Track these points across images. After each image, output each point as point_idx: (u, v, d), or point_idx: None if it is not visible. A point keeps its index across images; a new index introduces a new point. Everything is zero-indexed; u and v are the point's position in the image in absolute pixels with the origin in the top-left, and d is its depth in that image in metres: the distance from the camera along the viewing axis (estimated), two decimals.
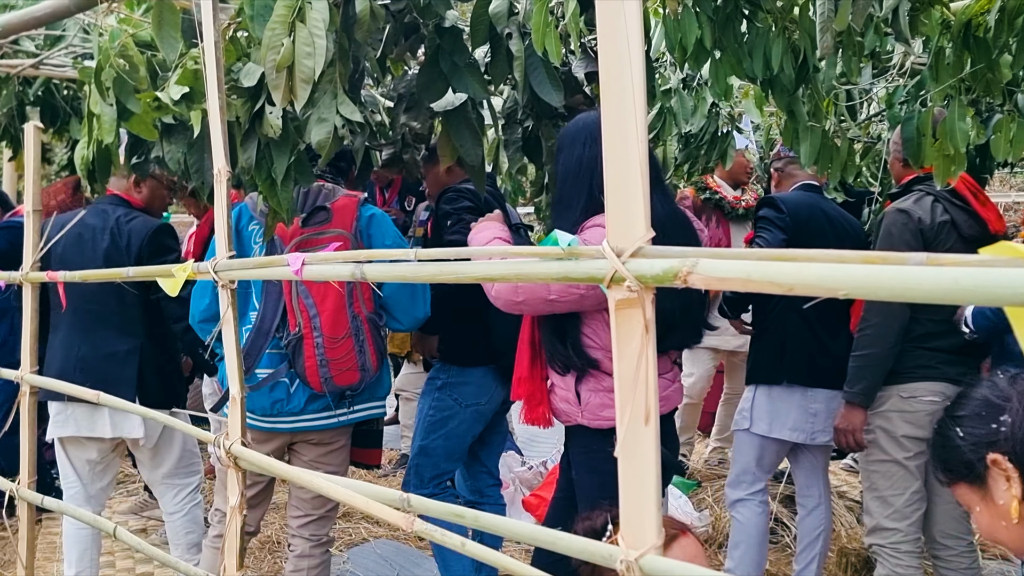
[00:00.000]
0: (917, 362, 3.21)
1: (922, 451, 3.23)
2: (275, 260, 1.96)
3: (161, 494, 3.97)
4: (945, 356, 3.20)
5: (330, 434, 3.29)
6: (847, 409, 3.27)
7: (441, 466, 3.59)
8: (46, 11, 2.73)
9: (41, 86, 4.20)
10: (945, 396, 3.18)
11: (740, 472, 3.81)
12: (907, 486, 3.24)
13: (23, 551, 3.08)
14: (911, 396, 3.22)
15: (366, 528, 4.97)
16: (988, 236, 3.14)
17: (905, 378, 3.23)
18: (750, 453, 3.76)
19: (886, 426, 3.25)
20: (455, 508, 1.64)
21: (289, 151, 2.40)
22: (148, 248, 3.70)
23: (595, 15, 2.61)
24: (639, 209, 1.26)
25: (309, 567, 3.32)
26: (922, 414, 3.19)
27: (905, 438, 3.23)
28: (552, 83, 2.67)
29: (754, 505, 3.77)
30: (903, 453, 3.23)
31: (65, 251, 3.58)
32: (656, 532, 1.25)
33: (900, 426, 3.22)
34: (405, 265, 1.64)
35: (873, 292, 1.03)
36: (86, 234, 3.66)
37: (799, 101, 2.88)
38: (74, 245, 3.62)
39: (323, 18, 2.17)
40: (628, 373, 1.27)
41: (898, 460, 3.24)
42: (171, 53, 2.49)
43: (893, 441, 3.25)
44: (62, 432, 3.68)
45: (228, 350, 2.17)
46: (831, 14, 2.34)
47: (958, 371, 3.20)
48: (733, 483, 3.85)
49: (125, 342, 3.69)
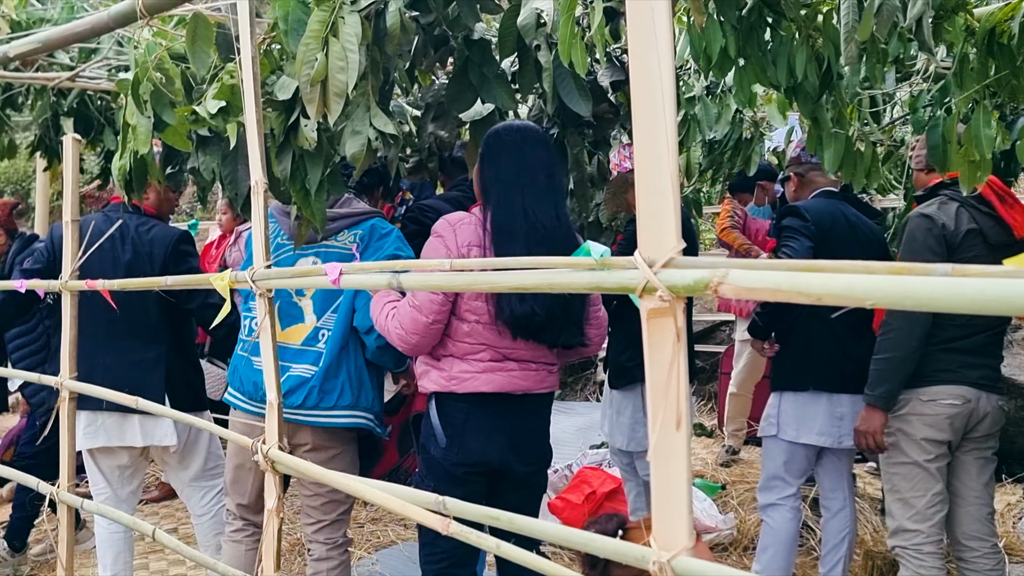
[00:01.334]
0: (937, 365, 3.22)
1: (942, 453, 3.25)
2: (312, 269, 2.02)
3: (188, 496, 4.03)
4: (966, 359, 3.21)
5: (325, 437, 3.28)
6: (867, 411, 3.30)
7: None
8: (86, 27, 2.80)
9: (76, 97, 4.28)
10: (965, 399, 3.19)
11: (769, 477, 3.83)
12: (928, 488, 3.25)
13: (63, 553, 3.15)
14: (931, 399, 3.23)
15: (395, 531, 5.03)
16: (1015, 242, 3.15)
17: (925, 381, 3.24)
18: (778, 459, 3.79)
19: (906, 429, 3.27)
20: (491, 511, 1.68)
21: (323, 163, 2.46)
22: (172, 257, 3.76)
23: (620, 25, 2.64)
24: (670, 220, 1.30)
25: (328, 569, 3.36)
26: (941, 417, 3.21)
27: (925, 441, 3.24)
28: (580, 93, 2.71)
29: (785, 511, 3.79)
30: (923, 455, 3.24)
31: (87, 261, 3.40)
32: (687, 534, 1.29)
33: (920, 429, 3.24)
34: (439, 275, 1.69)
35: (899, 302, 1.06)
36: (104, 243, 3.51)
37: (823, 108, 2.90)
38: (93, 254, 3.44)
39: (355, 32, 2.22)
40: (660, 381, 1.31)
41: (918, 462, 3.25)
42: (202, 68, 2.55)
43: (913, 443, 3.26)
44: (93, 443, 3.72)
45: (265, 357, 2.23)
46: (855, 23, 2.37)
47: (979, 374, 3.21)
48: (764, 488, 3.88)
49: (151, 350, 3.74)
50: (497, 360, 2.87)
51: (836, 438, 3.65)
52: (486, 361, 2.86)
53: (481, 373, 2.85)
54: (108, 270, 3.58)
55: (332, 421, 3.22)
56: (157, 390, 3.70)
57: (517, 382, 2.88)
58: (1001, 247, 3.13)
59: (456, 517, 1.73)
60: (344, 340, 3.23)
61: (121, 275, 3.55)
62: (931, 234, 3.18)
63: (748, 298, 1.23)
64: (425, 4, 2.52)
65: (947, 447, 3.25)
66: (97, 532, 3.86)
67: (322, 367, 3.20)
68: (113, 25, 2.74)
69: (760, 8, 2.69)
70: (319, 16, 2.23)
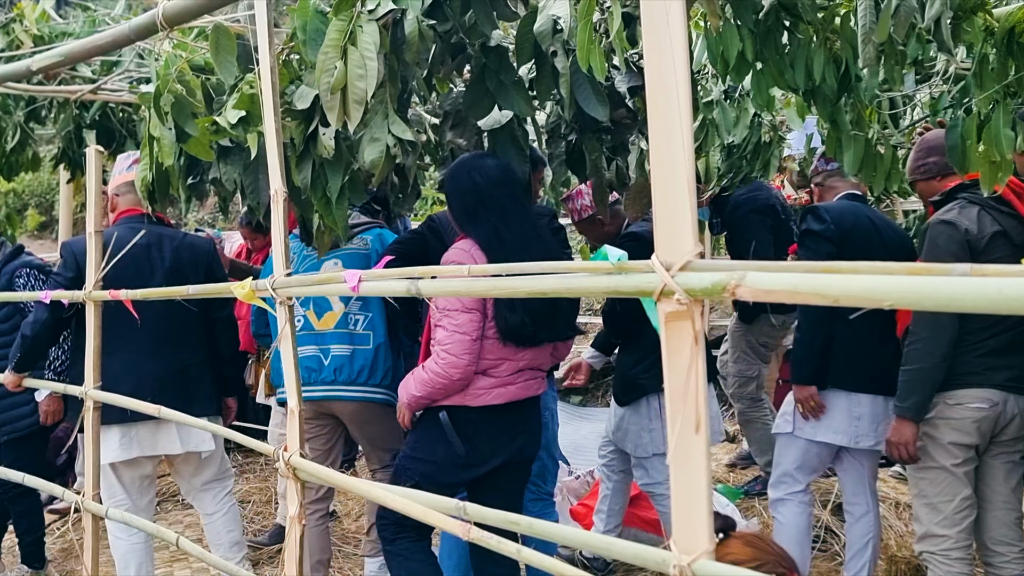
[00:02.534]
0: (962, 369, 3.18)
1: (970, 457, 3.21)
2: (332, 277, 2.03)
3: (200, 498, 4.07)
4: (992, 361, 3.17)
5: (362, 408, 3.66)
6: (898, 423, 3.25)
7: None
8: (107, 39, 2.83)
9: (98, 110, 4.33)
10: (992, 402, 3.15)
11: (781, 474, 3.82)
12: (956, 492, 3.22)
13: (88, 561, 3.18)
14: (957, 403, 3.19)
15: None
16: None
17: (951, 385, 3.21)
18: (792, 456, 3.77)
19: (933, 433, 3.24)
20: (510, 516, 1.69)
21: (343, 171, 2.48)
22: (215, 264, 3.94)
23: (638, 30, 2.65)
24: (687, 223, 1.30)
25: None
26: (968, 421, 3.17)
27: (952, 445, 3.21)
28: (598, 98, 2.71)
29: (794, 505, 3.78)
30: (951, 460, 3.21)
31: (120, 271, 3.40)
32: (708, 537, 1.29)
33: (947, 433, 3.20)
34: (459, 281, 1.70)
35: (918, 303, 1.06)
36: (138, 253, 3.58)
37: (841, 111, 2.89)
38: (128, 265, 3.48)
39: (374, 41, 2.24)
40: (679, 384, 1.31)
41: (946, 467, 3.22)
42: (228, 77, 2.58)
43: (940, 448, 3.23)
44: (127, 455, 3.68)
45: (286, 364, 2.24)
46: (872, 25, 2.36)
47: (1006, 376, 3.17)
48: (774, 484, 3.87)
49: (195, 356, 3.83)
50: (514, 372, 3.00)
51: (853, 438, 3.63)
52: (504, 375, 2.98)
53: (493, 388, 2.97)
54: (146, 279, 3.62)
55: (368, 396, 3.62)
56: (207, 397, 3.83)
57: (522, 391, 3.04)
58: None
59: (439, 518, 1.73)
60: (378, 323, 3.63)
61: (160, 283, 3.60)
62: (954, 240, 3.14)
63: (766, 300, 1.23)
64: (442, 12, 2.53)
65: (975, 451, 3.22)
66: (117, 544, 3.82)
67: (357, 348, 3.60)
68: (134, 37, 2.77)
69: (777, 11, 2.69)
70: (337, 25, 2.25)
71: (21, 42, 3.94)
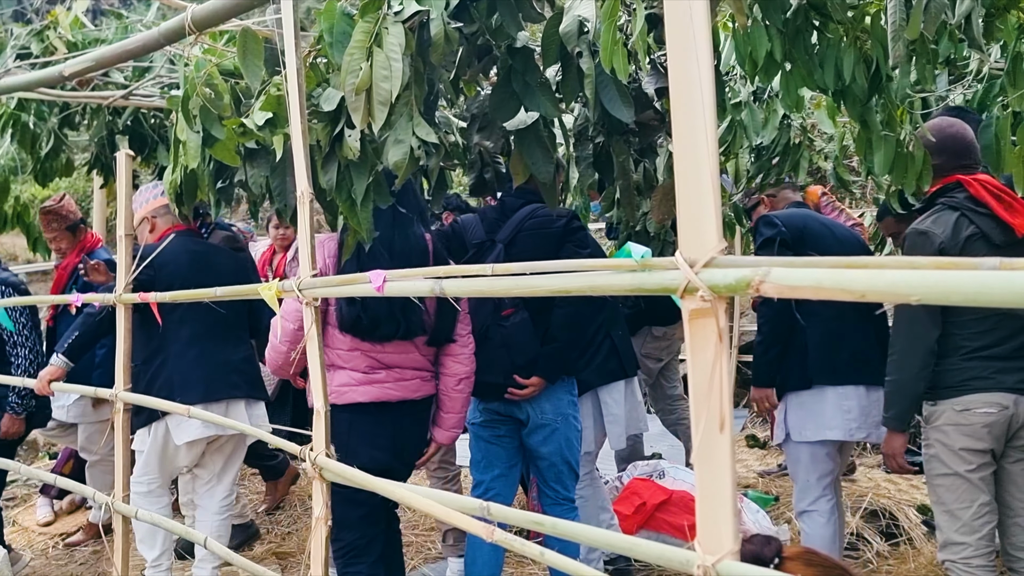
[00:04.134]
0: (969, 374, 3.14)
1: (985, 462, 3.16)
2: (357, 277, 2.03)
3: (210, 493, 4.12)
4: (1001, 364, 3.13)
5: None
6: (887, 435, 3.30)
7: (474, 476, 3.71)
8: (137, 44, 2.86)
9: (130, 115, 4.38)
10: (1002, 406, 3.11)
11: (801, 487, 3.85)
12: (973, 499, 3.17)
13: (119, 562, 3.20)
14: (965, 409, 3.15)
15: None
16: (1018, 241, 3.09)
17: (957, 391, 3.17)
18: (802, 464, 3.81)
19: (943, 440, 3.20)
20: (534, 516, 1.68)
21: (368, 172, 2.48)
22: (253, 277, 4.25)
23: (663, 32, 2.63)
24: (711, 220, 1.29)
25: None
26: (978, 426, 3.13)
27: (964, 451, 3.16)
28: (623, 100, 2.70)
29: (817, 516, 3.78)
30: (964, 466, 3.17)
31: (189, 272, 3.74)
32: (732, 537, 1.27)
33: (957, 439, 3.16)
34: (482, 280, 1.69)
35: (945, 297, 1.04)
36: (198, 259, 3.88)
37: (872, 111, 2.86)
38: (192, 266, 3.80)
39: (399, 42, 2.24)
40: (702, 382, 1.30)
41: (959, 473, 3.18)
42: (255, 81, 2.59)
43: (952, 454, 3.19)
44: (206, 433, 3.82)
45: (312, 365, 2.25)
46: (903, 23, 2.33)
47: (1016, 378, 3.12)
48: (797, 496, 3.89)
49: (246, 349, 4.12)
50: (375, 368, 3.15)
51: (847, 431, 3.67)
52: (361, 370, 3.13)
53: (358, 385, 3.13)
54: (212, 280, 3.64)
55: None
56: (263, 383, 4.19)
57: (391, 392, 3.15)
58: (1007, 247, 3.07)
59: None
60: None
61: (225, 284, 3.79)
62: (927, 250, 3.13)
63: (791, 296, 1.21)
64: (468, 14, 2.53)
65: (990, 455, 3.17)
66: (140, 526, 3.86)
67: None
68: (163, 42, 2.80)
69: (806, 11, 2.66)
70: (363, 27, 2.26)
71: (55, 48, 3.99)
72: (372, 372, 3.14)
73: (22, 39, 4.21)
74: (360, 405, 3.10)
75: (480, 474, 3.67)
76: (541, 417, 3.56)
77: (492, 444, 3.67)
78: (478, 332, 3.41)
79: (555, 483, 3.67)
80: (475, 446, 3.69)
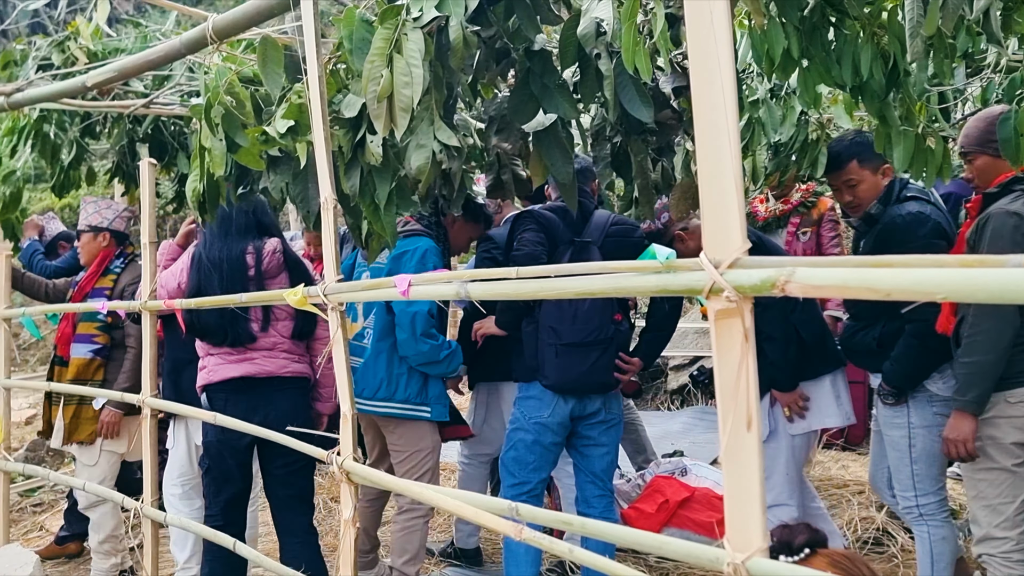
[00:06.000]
0: (1022, 366, 3.11)
1: None
2: (382, 282, 2.06)
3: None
4: None
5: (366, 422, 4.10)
6: (957, 418, 3.17)
7: (517, 475, 3.78)
8: (159, 54, 2.89)
9: (150, 124, 4.41)
10: None
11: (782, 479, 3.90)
12: (1017, 494, 3.14)
13: (148, 565, 3.24)
14: (1019, 401, 3.12)
15: None
16: None
17: (1012, 383, 3.13)
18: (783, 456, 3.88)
19: (994, 433, 3.15)
20: (563, 516, 1.70)
21: (390, 177, 2.50)
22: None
23: (682, 31, 2.64)
24: (735, 221, 1.30)
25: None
26: None
27: (1015, 445, 3.12)
28: (642, 99, 2.71)
29: (790, 510, 3.84)
30: (1012, 460, 3.13)
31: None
32: (761, 535, 1.29)
33: (1009, 433, 3.12)
34: (507, 283, 1.71)
35: (971, 295, 1.05)
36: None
37: (890, 106, 2.86)
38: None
39: (419, 48, 2.26)
40: (729, 381, 1.31)
41: (1007, 467, 3.14)
42: (275, 88, 2.62)
43: (1001, 448, 3.15)
44: None
45: (338, 370, 2.27)
46: (920, 18, 2.33)
47: None
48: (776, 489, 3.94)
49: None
50: (240, 350, 3.66)
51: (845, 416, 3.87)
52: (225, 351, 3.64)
53: (225, 364, 3.65)
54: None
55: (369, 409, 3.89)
56: None
57: (260, 367, 3.66)
58: None
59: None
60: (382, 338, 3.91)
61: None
62: (1019, 231, 3.07)
63: (816, 296, 1.22)
64: (486, 18, 2.55)
65: None
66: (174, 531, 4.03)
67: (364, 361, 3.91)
68: (185, 51, 2.83)
69: (822, 7, 2.66)
70: (383, 34, 2.28)
71: (76, 58, 4.02)
72: (239, 352, 3.66)
73: (43, 50, 4.25)
74: (232, 382, 3.63)
75: (528, 474, 3.79)
76: (609, 412, 3.85)
77: (549, 451, 3.81)
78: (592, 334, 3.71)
79: (604, 474, 3.90)
80: (530, 448, 3.78)
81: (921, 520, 3.53)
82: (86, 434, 4.39)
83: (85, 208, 4.62)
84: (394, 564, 3.94)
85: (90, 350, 4.42)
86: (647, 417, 8.23)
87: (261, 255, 3.71)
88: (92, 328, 4.43)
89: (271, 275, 3.75)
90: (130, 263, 4.63)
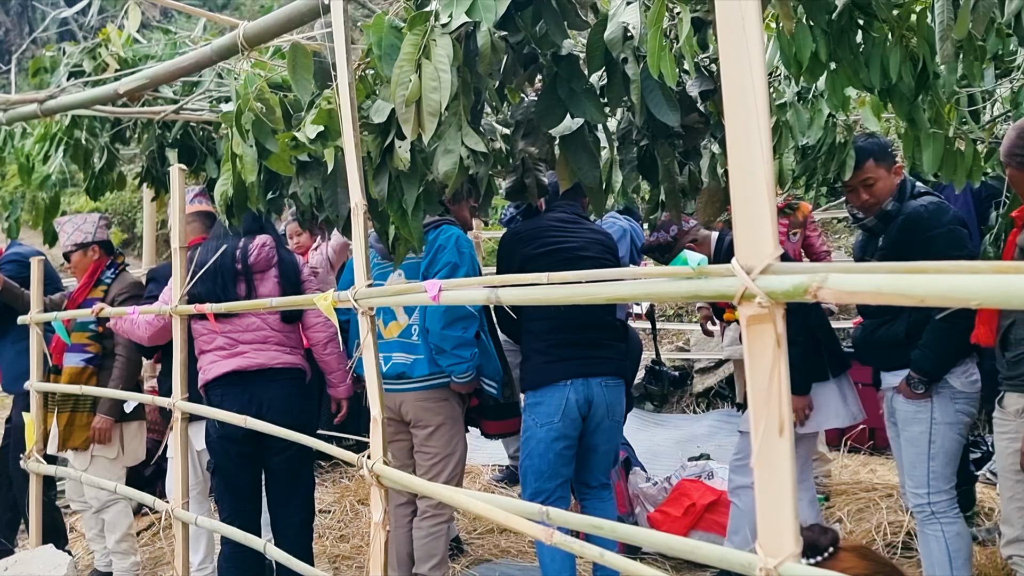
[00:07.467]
0: None
1: None
2: (412, 287, 2.07)
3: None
4: None
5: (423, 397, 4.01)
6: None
7: (533, 485, 3.77)
8: (190, 61, 2.92)
9: (179, 129, 4.45)
10: None
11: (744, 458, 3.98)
12: None
13: (179, 567, 3.27)
14: None
15: (500, 544, 5.07)
16: None
17: None
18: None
19: None
20: (593, 520, 1.70)
21: (418, 182, 2.52)
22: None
23: (708, 35, 2.63)
24: (767, 226, 1.30)
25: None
26: None
27: None
28: (669, 104, 2.71)
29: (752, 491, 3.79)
30: None
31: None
32: (794, 539, 1.29)
33: None
34: (538, 288, 1.72)
35: (1006, 302, 1.04)
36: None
37: (919, 109, 2.84)
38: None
39: (447, 54, 2.27)
40: (762, 386, 1.31)
41: None
42: (304, 94, 2.65)
43: None
44: None
45: (368, 373, 2.29)
46: (950, 21, 2.32)
47: None
48: (737, 469, 4.04)
49: None
50: (231, 345, 3.85)
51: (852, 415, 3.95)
52: (218, 348, 3.85)
53: (219, 361, 3.86)
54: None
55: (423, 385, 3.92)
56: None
57: (250, 360, 3.84)
58: None
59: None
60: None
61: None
62: None
63: (849, 302, 1.22)
64: (514, 23, 2.56)
65: None
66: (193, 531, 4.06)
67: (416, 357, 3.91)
68: (216, 58, 2.86)
69: (851, 10, 2.65)
70: (412, 40, 2.29)
71: (107, 65, 4.07)
72: (231, 347, 3.84)
73: (74, 57, 4.30)
74: (226, 376, 3.82)
75: (544, 483, 3.76)
76: (612, 413, 3.87)
77: (563, 455, 3.78)
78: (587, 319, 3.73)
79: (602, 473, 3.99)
80: (542, 457, 3.76)
81: (933, 519, 3.47)
82: (80, 440, 4.52)
83: (63, 230, 4.74)
84: (420, 570, 3.94)
85: (82, 359, 4.58)
86: (672, 419, 8.23)
87: (247, 250, 3.90)
88: (84, 338, 4.60)
89: (259, 268, 3.93)
90: (120, 273, 4.80)
